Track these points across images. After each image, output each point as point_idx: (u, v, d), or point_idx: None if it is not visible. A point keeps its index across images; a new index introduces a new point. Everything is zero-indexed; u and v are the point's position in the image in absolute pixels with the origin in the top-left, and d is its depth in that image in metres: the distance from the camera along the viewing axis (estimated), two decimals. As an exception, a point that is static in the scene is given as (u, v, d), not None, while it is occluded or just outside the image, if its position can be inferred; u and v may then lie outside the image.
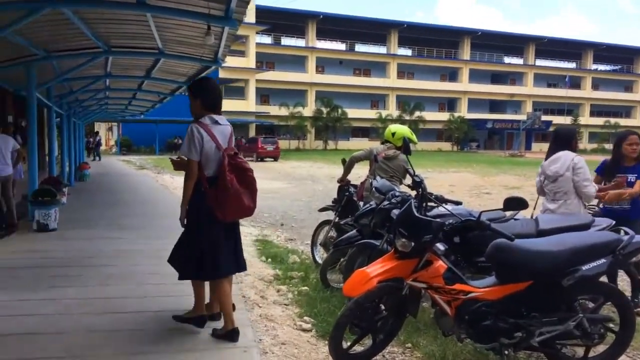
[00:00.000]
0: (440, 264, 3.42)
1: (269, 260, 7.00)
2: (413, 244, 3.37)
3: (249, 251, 7.50)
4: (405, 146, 3.96)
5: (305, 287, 5.52)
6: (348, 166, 6.47)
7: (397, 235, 3.44)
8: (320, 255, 6.78)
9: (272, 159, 36.69)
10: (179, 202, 3.84)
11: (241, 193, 3.65)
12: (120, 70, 11.18)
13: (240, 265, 4.00)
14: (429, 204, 3.91)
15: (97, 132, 37.07)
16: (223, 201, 3.63)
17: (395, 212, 4.09)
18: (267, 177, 22.35)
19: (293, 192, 17.26)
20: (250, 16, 50.90)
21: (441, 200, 4.10)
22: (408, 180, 4.50)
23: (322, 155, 44.90)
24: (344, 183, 6.57)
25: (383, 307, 3.62)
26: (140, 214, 10.36)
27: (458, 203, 4.41)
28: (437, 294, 3.44)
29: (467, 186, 19.13)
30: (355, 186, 6.58)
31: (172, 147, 42.57)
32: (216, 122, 3.78)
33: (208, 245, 3.74)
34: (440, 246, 3.41)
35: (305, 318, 4.56)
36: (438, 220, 3.49)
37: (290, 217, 11.98)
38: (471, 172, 26.68)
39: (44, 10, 5.34)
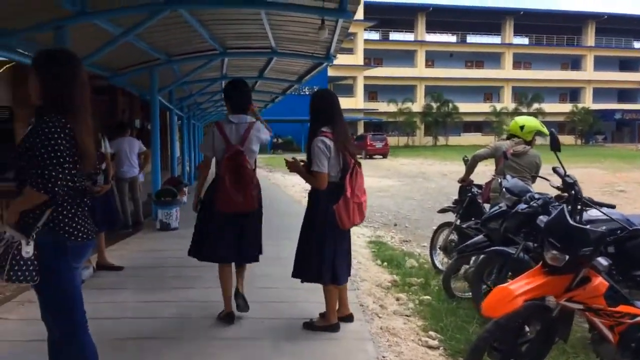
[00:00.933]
0: (601, 282, 2.86)
1: (385, 264, 6.64)
2: (567, 257, 2.84)
3: (363, 253, 7.23)
4: (552, 140, 3.40)
5: (427, 297, 5.10)
6: (471, 165, 5.92)
7: (547, 247, 2.92)
8: (440, 260, 6.32)
9: (381, 156, 36.26)
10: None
11: (230, 190, 3.91)
12: (235, 71, 11.39)
13: (243, 256, 4.22)
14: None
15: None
16: (217, 194, 3.96)
17: (543, 218, 3.55)
18: (377, 174, 21.99)
19: (404, 190, 16.74)
20: (358, 12, 50.72)
21: (593, 204, 3.49)
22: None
23: (432, 151, 43.68)
24: (466, 183, 6.05)
25: (528, 329, 3.12)
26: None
27: (611, 206, 3.76)
28: (597, 316, 2.88)
29: (597, 183, 17.39)
30: (479, 186, 6.04)
31: (277, 147, 43.63)
32: (230, 122, 4.08)
33: (208, 231, 4.12)
34: (602, 261, 2.84)
35: (431, 333, 4.15)
36: (600, 229, 2.93)
37: (403, 217, 11.54)
38: (600, 168, 24.35)
39: (164, 13, 5.40)
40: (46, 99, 2.39)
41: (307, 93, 44.85)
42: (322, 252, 3.78)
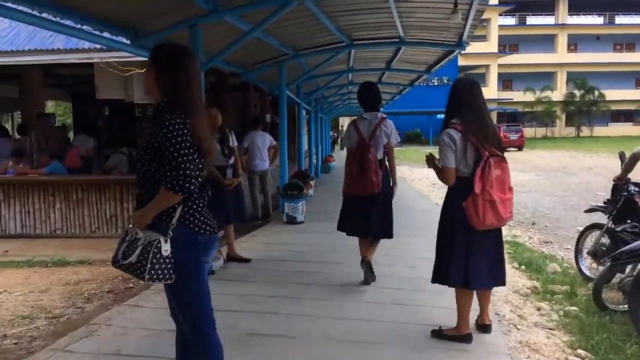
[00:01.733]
0: None
1: (523, 267, 6.08)
2: None
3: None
4: None
5: (574, 307, 4.54)
6: (631, 162, 5.17)
7: None
8: (588, 265, 5.63)
9: (516, 149, 34.17)
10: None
11: (354, 177, 4.69)
12: (362, 63, 11.24)
13: (371, 233, 4.90)
14: None
15: (342, 126, 39.42)
16: (344, 181, 4.86)
17: None
18: (511, 168, 20.51)
19: (543, 186, 15.47)
20: (492, -3, 48.36)
21: None
22: None
23: (574, 143, 40.21)
24: (622, 182, 5.30)
25: None
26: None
27: None
28: None
29: None
30: (637, 184, 5.27)
31: (411, 139, 42.95)
32: (363, 118, 4.82)
33: (346, 211, 5.03)
34: None
35: (580, 351, 3.63)
36: None
37: (542, 215, 10.61)
38: None
39: (292, 5, 5.36)
40: (167, 95, 2.36)
41: (436, 84, 43.65)
42: (452, 252, 3.52)
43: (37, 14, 4.04)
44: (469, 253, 3.48)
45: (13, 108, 17.62)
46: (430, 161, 3.72)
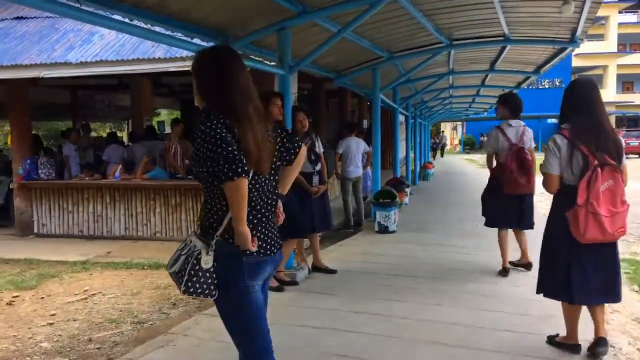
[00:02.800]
0: None
1: (643, 290, 5.31)
2: None
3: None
4: None
5: None
6: None
7: None
8: None
9: (637, 156, 31.17)
10: None
11: (516, 174, 5.03)
12: (463, 65, 10.63)
13: (519, 224, 5.42)
14: None
15: (442, 132, 38.21)
16: (504, 180, 5.13)
17: None
18: (631, 176, 18.59)
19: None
20: (611, -7, 44.88)
21: None
22: None
23: None
24: None
25: None
26: (478, 217, 9.57)
27: None
28: None
29: None
30: None
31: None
32: (510, 125, 5.23)
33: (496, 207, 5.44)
34: None
35: None
36: None
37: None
38: None
39: (382, 4, 5.06)
40: (206, 99, 2.21)
41: (547, 86, 41.06)
42: (553, 262, 3.40)
43: (128, 21, 4.09)
44: (572, 265, 3.27)
45: (128, 116, 18.95)
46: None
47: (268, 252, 2.22)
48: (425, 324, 4.06)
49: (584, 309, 3.44)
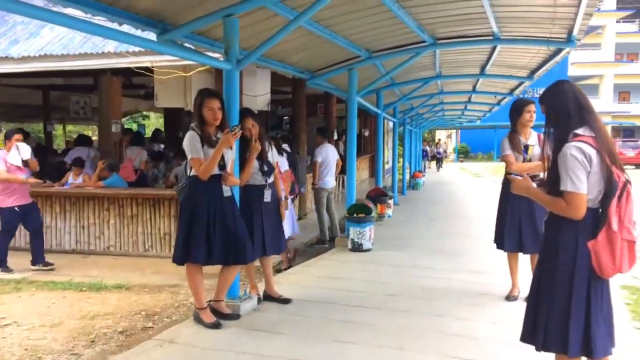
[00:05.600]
0: None
1: (650, 328, 4.55)
2: None
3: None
4: None
5: None
6: None
7: None
8: None
9: (633, 167, 30.59)
10: None
11: None
12: (451, 68, 9.89)
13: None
14: None
15: (439, 140, 37.19)
16: None
17: None
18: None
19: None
20: (608, 2, 44.44)
21: None
22: None
23: None
24: None
25: None
26: (463, 233, 8.85)
27: None
28: None
29: None
30: None
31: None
32: None
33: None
34: None
35: None
36: None
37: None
38: None
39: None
40: None
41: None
42: (569, 311, 2.55)
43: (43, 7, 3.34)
44: (592, 311, 2.54)
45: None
46: (522, 185, 2.80)
47: None
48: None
49: None
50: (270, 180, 4.61)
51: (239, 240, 3.96)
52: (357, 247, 6.94)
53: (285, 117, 19.51)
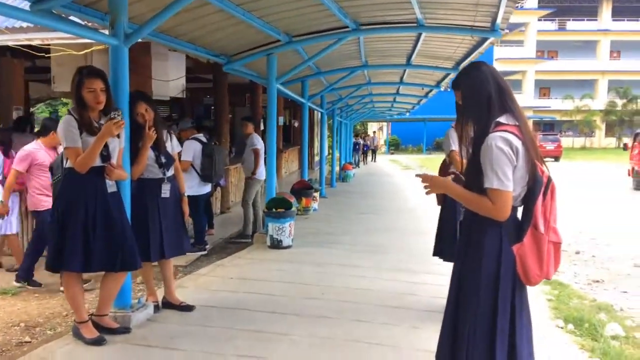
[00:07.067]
0: None
1: (570, 327, 4.41)
2: None
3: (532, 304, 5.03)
4: None
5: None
6: None
7: None
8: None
9: (553, 159, 32.04)
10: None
11: None
12: (378, 58, 9.66)
13: None
14: None
15: (374, 132, 37.30)
16: None
17: None
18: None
19: (584, 201, 13.53)
20: (531, 0, 46.30)
21: None
22: None
23: (616, 154, 37.64)
24: None
25: None
26: (391, 227, 8.65)
27: None
28: None
29: None
30: None
31: (441, 147, 41.02)
32: None
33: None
34: None
35: None
36: None
37: (588, 240, 8.80)
38: None
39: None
40: None
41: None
42: (495, 328, 2.21)
43: None
44: (516, 325, 2.23)
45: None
46: (435, 183, 2.39)
47: None
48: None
49: None
50: (169, 173, 4.09)
51: (126, 243, 3.42)
52: (276, 244, 6.51)
53: (212, 107, 18.80)
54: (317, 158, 19.40)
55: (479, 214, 2.23)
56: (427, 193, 2.42)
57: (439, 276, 4.98)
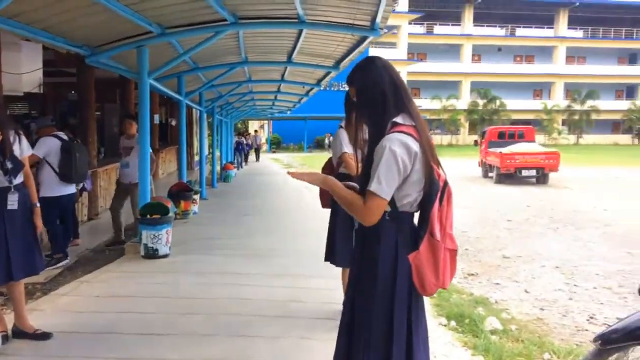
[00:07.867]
0: None
1: (452, 323, 4.49)
2: None
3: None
4: None
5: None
6: None
7: None
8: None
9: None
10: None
11: None
12: (258, 55, 9.37)
13: None
14: None
15: (256, 131, 36.69)
16: None
17: None
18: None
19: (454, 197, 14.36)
20: (402, 3, 48.50)
21: None
22: None
23: (477, 150, 40.86)
24: None
25: None
26: (277, 229, 8.43)
27: None
28: None
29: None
30: None
31: (321, 145, 41.59)
32: None
33: None
34: None
35: None
36: None
37: (459, 234, 9.23)
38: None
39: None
40: None
41: (348, 88, 42.68)
42: (391, 341, 2.06)
43: None
44: (414, 337, 2.10)
45: None
46: (315, 177, 2.19)
47: None
48: None
49: None
50: (17, 181, 3.48)
51: None
52: (152, 254, 5.97)
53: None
54: (196, 158, 18.66)
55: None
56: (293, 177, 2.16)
57: (330, 280, 4.82)
